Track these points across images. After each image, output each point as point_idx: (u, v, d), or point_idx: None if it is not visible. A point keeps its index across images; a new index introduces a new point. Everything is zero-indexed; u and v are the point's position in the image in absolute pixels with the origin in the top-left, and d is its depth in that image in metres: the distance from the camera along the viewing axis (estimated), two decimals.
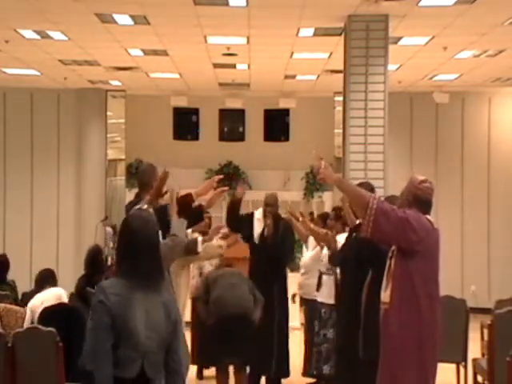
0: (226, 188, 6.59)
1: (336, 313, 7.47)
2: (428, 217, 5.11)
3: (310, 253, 8.92)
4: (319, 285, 8.21)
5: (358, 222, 5.97)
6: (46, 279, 7.75)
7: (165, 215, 5.47)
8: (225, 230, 7.69)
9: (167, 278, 4.05)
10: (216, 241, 7.19)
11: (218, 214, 13.02)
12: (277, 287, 8.28)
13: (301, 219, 8.22)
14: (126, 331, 3.60)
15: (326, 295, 8.04)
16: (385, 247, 5.38)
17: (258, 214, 8.42)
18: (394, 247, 5.14)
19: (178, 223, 5.46)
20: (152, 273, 3.71)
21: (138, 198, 5.95)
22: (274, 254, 8.18)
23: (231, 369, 7.83)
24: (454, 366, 8.20)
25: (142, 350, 3.60)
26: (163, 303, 3.71)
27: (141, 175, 6.28)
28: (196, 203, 6.17)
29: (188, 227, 6.16)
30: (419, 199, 5.11)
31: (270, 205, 8.31)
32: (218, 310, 7.48)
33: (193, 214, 6.08)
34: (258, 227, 8.36)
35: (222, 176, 6.79)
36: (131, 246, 3.73)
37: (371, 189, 6.11)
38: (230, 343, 7.42)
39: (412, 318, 4.98)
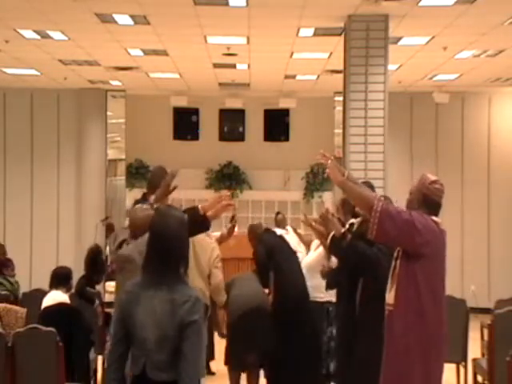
0: (233, 203, 6.41)
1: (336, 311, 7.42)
2: (435, 218, 5.00)
3: (313, 254, 8.83)
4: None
5: (343, 230, 5.93)
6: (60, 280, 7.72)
7: None
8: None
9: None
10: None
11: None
12: None
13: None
14: (130, 327, 3.60)
15: (333, 293, 7.97)
16: (372, 253, 5.43)
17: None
18: (399, 248, 5.08)
19: None
20: (165, 269, 3.61)
21: (144, 198, 5.91)
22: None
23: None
24: (453, 365, 8.20)
25: (143, 348, 3.58)
26: (171, 301, 3.55)
27: (150, 176, 6.27)
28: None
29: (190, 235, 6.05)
30: (428, 200, 5.00)
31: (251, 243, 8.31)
32: (233, 308, 7.56)
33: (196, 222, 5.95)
34: None
35: (229, 193, 6.57)
36: (148, 241, 3.72)
37: (371, 188, 6.09)
38: (247, 339, 7.48)
39: (417, 319, 4.91)
